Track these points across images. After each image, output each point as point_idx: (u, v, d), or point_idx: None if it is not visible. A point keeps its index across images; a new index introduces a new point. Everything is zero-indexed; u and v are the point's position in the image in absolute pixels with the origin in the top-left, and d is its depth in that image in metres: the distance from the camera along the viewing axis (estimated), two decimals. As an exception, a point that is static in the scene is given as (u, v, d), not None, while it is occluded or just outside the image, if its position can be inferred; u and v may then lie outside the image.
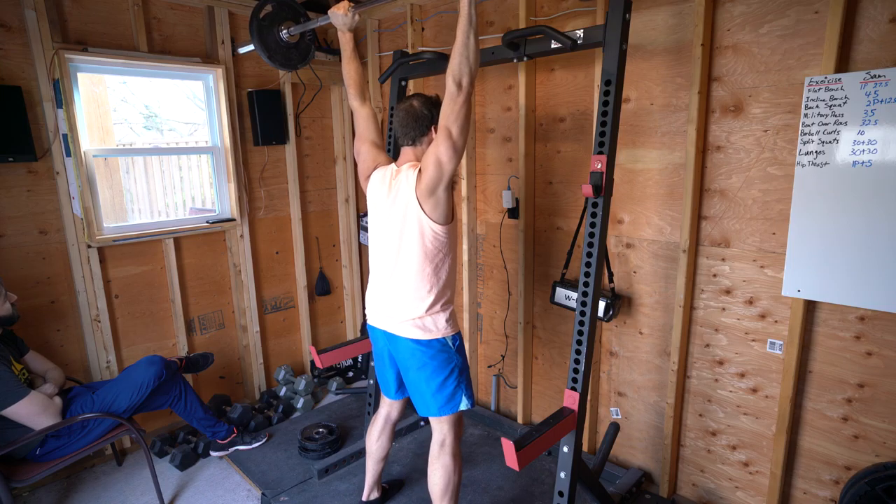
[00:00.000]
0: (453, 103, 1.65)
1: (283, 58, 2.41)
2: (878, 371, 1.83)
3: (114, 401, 2.32)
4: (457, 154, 1.69)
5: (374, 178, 1.98)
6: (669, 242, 2.28)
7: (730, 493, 2.26)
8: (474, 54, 1.64)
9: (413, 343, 1.86)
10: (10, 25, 2.42)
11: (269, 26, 2.32)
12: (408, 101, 1.91)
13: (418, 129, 1.88)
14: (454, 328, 1.91)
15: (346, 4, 2.07)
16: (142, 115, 5.05)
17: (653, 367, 2.42)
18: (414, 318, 1.84)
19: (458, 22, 1.64)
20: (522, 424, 2.98)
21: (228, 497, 2.55)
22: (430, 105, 1.89)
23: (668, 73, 2.17)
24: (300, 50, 2.45)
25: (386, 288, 1.92)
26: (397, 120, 1.91)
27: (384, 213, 1.91)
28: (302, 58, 2.47)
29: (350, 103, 2.16)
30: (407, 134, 1.90)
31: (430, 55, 2.37)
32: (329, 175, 3.74)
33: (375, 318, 1.99)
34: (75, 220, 2.64)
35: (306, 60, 2.49)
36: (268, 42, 2.33)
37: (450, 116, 1.66)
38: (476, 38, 1.64)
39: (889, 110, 1.65)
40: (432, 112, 1.87)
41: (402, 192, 1.83)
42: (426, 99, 1.91)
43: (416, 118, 1.87)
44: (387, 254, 1.91)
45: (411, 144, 1.91)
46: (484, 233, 3.05)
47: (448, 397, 1.88)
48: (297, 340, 3.71)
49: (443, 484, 1.93)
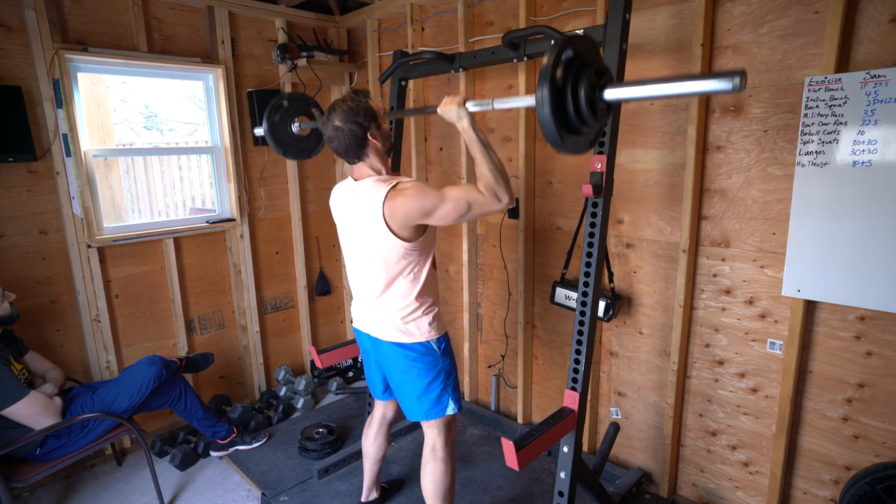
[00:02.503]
0: (487, 206, 1.60)
1: (297, 150, 2.45)
2: (878, 371, 1.83)
3: (114, 401, 2.32)
4: (452, 223, 1.69)
5: (333, 194, 1.95)
6: (669, 242, 2.28)
7: (730, 493, 2.26)
8: (503, 170, 1.60)
9: (396, 346, 1.84)
10: (10, 25, 2.42)
11: (282, 122, 2.35)
12: (330, 122, 1.73)
13: (356, 146, 1.74)
14: (439, 330, 1.88)
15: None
16: (142, 115, 5.05)
17: (653, 367, 2.42)
18: (395, 322, 1.82)
19: (472, 150, 1.60)
20: (522, 424, 2.98)
21: (228, 497, 2.55)
22: (354, 115, 1.71)
23: (668, 73, 2.17)
24: (311, 140, 2.49)
25: (364, 298, 1.90)
26: (332, 144, 1.76)
27: (349, 231, 1.86)
28: (314, 147, 2.51)
29: None
30: (348, 154, 1.76)
31: (430, 55, 2.37)
32: (329, 175, 3.74)
33: (359, 322, 1.98)
34: (75, 220, 2.64)
35: (318, 149, 2.52)
36: (280, 137, 2.37)
37: (475, 204, 1.60)
38: (496, 156, 1.59)
39: (889, 110, 1.65)
40: (359, 122, 1.71)
41: (367, 210, 1.72)
42: (346, 110, 1.71)
43: (347, 136, 1.72)
44: (360, 268, 1.87)
45: (358, 161, 1.79)
46: (484, 233, 3.05)
47: (434, 401, 1.86)
48: (297, 340, 3.71)
49: (433, 489, 1.92)
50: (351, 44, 3.61)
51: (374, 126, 1.75)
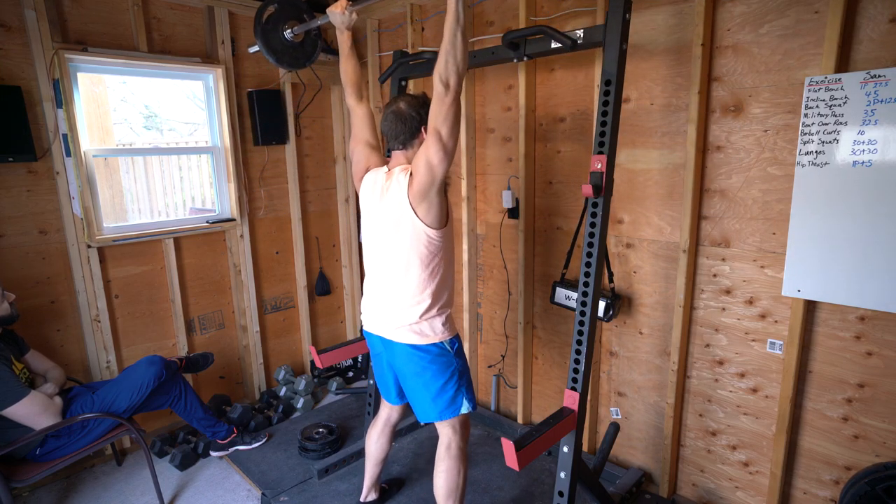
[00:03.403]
0: (441, 104, 1.61)
1: (291, 58, 2.39)
2: (878, 371, 1.83)
3: (114, 401, 2.32)
4: (447, 156, 1.65)
5: (365, 180, 1.96)
6: (669, 242, 2.28)
7: (730, 493, 2.26)
8: (462, 53, 1.58)
9: (410, 348, 1.84)
10: (10, 25, 2.42)
11: (274, 28, 2.31)
12: (395, 104, 1.84)
13: (407, 132, 1.82)
14: (451, 331, 1.89)
15: (344, 3, 2.05)
16: (142, 115, 5.05)
17: (653, 367, 2.42)
18: (410, 323, 1.82)
19: (446, 19, 1.59)
20: (522, 424, 2.98)
21: (228, 497, 2.55)
22: (418, 106, 1.83)
23: (668, 73, 2.17)
24: (306, 48, 2.44)
25: (380, 293, 1.90)
26: (385, 123, 1.85)
27: (376, 218, 1.88)
28: (308, 56, 2.45)
29: (347, 102, 2.15)
30: (396, 137, 1.84)
31: (430, 55, 2.37)
32: (329, 175, 3.74)
33: (371, 324, 1.97)
34: (75, 220, 2.64)
35: (313, 57, 2.47)
36: (274, 45, 2.31)
37: (438, 118, 1.62)
38: (464, 36, 1.59)
39: (889, 110, 1.65)
40: (420, 113, 1.81)
41: (394, 197, 1.79)
42: (413, 99, 1.85)
43: (405, 121, 1.81)
44: (380, 259, 1.88)
45: (402, 148, 1.86)
46: (484, 233, 3.05)
47: (449, 401, 1.87)
48: (297, 340, 3.71)
49: (447, 487, 1.92)
50: (351, 44, 3.60)
51: None
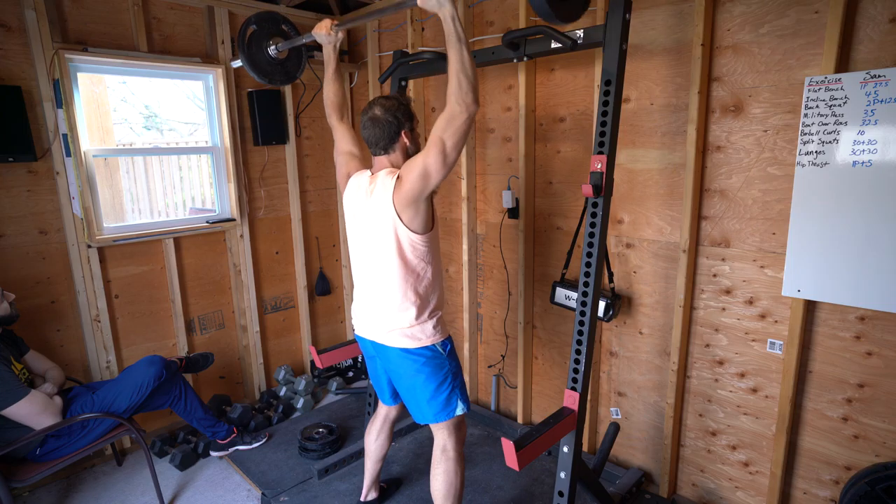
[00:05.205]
0: (454, 120, 1.60)
1: (282, 74, 2.41)
2: (878, 371, 1.83)
3: (114, 401, 2.32)
4: (446, 167, 1.65)
5: (349, 185, 1.95)
6: (669, 242, 2.28)
7: (730, 493, 2.26)
8: (472, 70, 1.59)
9: (402, 352, 1.84)
10: (10, 25, 2.42)
11: (258, 49, 2.30)
12: (370, 111, 1.82)
13: (387, 138, 1.81)
14: (443, 333, 1.89)
15: (328, 24, 2.05)
16: (142, 115, 5.06)
17: (653, 367, 2.42)
18: (401, 328, 1.82)
19: (447, 41, 1.59)
20: (522, 424, 2.98)
21: (228, 497, 2.55)
22: (395, 109, 1.81)
23: (668, 73, 2.17)
24: (293, 59, 2.44)
25: (369, 298, 1.89)
26: (365, 131, 1.83)
27: (361, 222, 1.87)
28: (297, 65, 2.47)
29: (328, 120, 2.14)
30: (377, 144, 1.83)
31: (430, 55, 2.37)
32: (329, 175, 3.74)
33: (363, 329, 1.97)
34: (75, 220, 2.64)
35: (301, 66, 2.49)
36: (262, 66, 2.31)
37: (447, 130, 1.61)
38: (470, 53, 1.60)
39: (889, 110, 1.65)
40: (397, 117, 1.80)
41: (378, 200, 1.77)
42: (388, 102, 1.83)
43: (382, 126, 1.80)
44: (366, 264, 1.88)
45: (383, 153, 1.85)
46: (484, 233, 3.05)
47: (443, 403, 1.86)
48: (297, 340, 3.71)
49: (443, 489, 1.92)
50: (351, 44, 3.61)
51: (409, 126, 1.83)
